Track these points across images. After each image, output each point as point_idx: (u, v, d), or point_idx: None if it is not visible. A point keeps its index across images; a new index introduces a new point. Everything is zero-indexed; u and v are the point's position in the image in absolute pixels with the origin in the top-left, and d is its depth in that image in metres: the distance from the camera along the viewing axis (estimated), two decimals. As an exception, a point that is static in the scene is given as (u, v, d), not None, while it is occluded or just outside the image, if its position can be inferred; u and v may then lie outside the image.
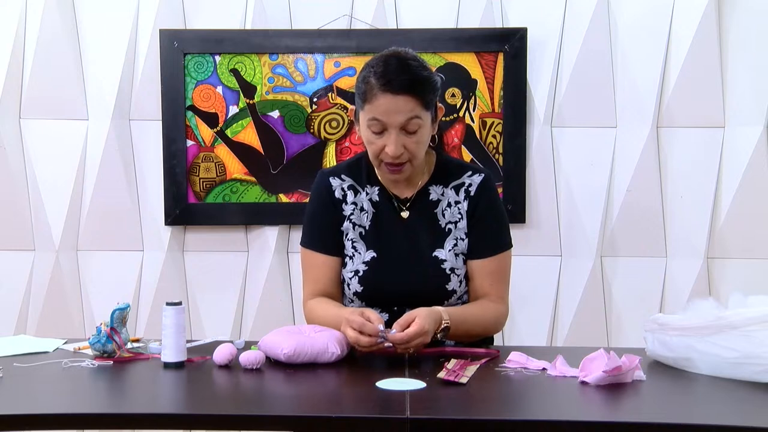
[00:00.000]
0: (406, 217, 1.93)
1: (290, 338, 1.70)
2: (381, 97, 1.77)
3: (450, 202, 1.94)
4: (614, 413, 1.45)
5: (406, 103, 1.77)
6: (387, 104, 1.77)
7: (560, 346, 2.84)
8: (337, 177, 1.97)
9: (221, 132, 2.93)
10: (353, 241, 1.92)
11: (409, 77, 1.78)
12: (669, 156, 2.93)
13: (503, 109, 2.91)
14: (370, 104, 1.79)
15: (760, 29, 2.87)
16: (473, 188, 1.94)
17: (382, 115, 1.78)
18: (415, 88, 1.78)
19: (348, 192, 1.95)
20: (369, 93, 1.78)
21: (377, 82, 1.78)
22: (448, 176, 1.96)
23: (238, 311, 3.01)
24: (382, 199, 1.95)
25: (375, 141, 1.82)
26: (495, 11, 2.91)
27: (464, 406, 1.47)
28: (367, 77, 1.80)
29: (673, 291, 2.93)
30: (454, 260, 1.90)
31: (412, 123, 1.79)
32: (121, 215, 2.97)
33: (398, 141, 1.79)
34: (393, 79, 1.76)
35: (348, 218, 1.94)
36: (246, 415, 1.41)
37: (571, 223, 2.95)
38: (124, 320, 1.80)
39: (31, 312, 2.98)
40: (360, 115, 1.85)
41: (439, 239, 1.91)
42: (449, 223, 1.92)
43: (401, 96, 1.76)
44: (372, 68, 1.81)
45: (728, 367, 1.57)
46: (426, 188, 1.95)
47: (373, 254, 1.91)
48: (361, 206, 1.94)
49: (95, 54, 2.95)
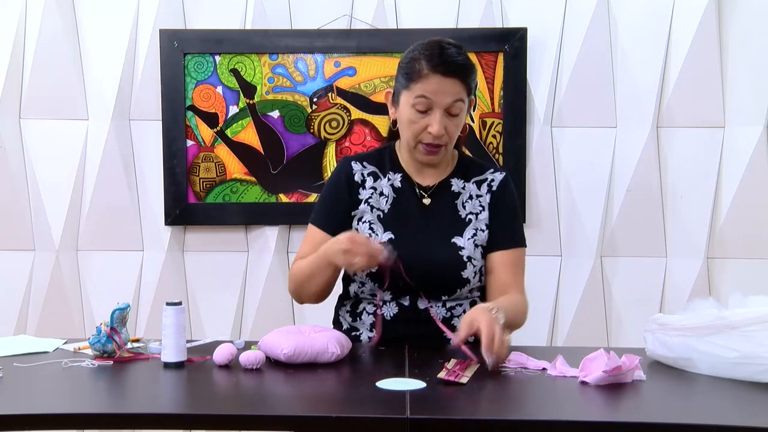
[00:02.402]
0: (428, 204, 1.97)
1: (290, 338, 1.70)
2: (432, 77, 1.83)
3: (471, 195, 1.98)
4: (614, 413, 1.45)
5: (454, 86, 1.84)
6: (436, 84, 1.83)
7: (560, 346, 2.84)
8: (359, 162, 2.02)
9: (221, 132, 2.93)
10: (370, 222, 1.95)
11: (457, 62, 1.85)
12: (669, 156, 2.93)
13: (503, 109, 2.91)
14: (418, 83, 1.84)
15: (760, 29, 2.87)
16: (495, 184, 2.00)
17: (431, 94, 1.84)
18: (463, 72, 1.86)
19: (368, 178, 1.99)
20: (418, 73, 1.84)
21: (428, 63, 1.84)
22: (469, 172, 2.01)
23: (238, 311, 3.01)
24: (405, 186, 1.98)
25: (418, 120, 1.87)
26: (495, 11, 2.92)
27: (464, 406, 1.47)
28: (416, 58, 1.86)
29: (673, 291, 2.93)
30: (472, 249, 1.92)
31: (456, 106, 1.86)
32: (121, 215, 2.97)
33: (442, 121, 1.85)
34: (443, 62, 1.83)
35: (365, 201, 1.97)
36: (246, 415, 1.41)
37: (571, 223, 2.95)
38: (124, 320, 1.80)
39: (31, 312, 2.98)
40: (403, 95, 1.89)
41: (458, 227, 1.94)
42: (470, 214, 1.96)
43: (450, 78, 1.83)
44: (421, 51, 1.87)
45: (728, 367, 1.57)
46: (448, 180, 1.99)
47: (390, 236, 1.93)
48: (381, 191, 1.98)
49: (95, 54, 2.95)
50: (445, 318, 1.92)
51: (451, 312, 1.93)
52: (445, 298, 1.92)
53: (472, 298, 1.97)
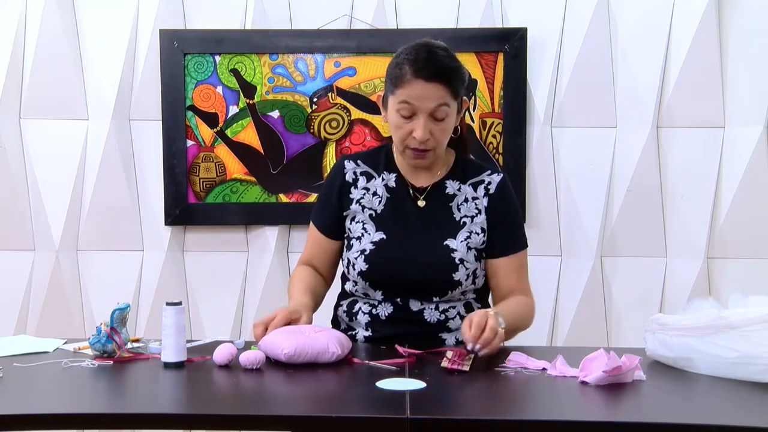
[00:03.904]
0: (422, 206, 1.96)
1: (290, 338, 1.70)
2: (414, 83, 1.82)
3: (467, 198, 1.97)
4: (614, 413, 1.45)
5: (437, 90, 1.82)
6: (419, 90, 1.82)
7: (560, 346, 2.84)
8: (353, 161, 2.02)
9: (221, 132, 2.93)
10: (363, 222, 1.95)
11: (441, 66, 1.83)
12: (669, 156, 2.93)
13: (503, 109, 2.91)
14: (401, 89, 1.84)
15: (760, 29, 2.87)
16: (493, 186, 1.98)
17: (414, 100, 1.83)
18: (446, 76, 1.84)
19: (360, 177, 1.99)
20: (402, 78, 1.84)
21: (411, 68, 1.82)
22: (465, 174, 2.00)
23: (238, 311, 3.01)
24: (399, 186, 1.98)
25: (403, 125, 1.86)
26: (495, 11, 2.91)
27: (464, 406, 1.47)
28: (400, 63, 1.85)
29: (673, 291, 2.93)
30: (465, 252, 1.91)
31: (441, 110, 1.84)
32: (121, 215, 2.97)
33: (426, 126, 1.84)
34: (426, 67, 1.82)
35: (357, 201, 1.97)
36: (246, 415, 1.41)
37: (571, 223, 2.95)
38: (124, 320, 1.79)
39: (31, 312, 2.98)
40: (390, 99, 1.89)
41: (452, 230, 1.94)
42: (464, 217, 1.95)
43: (432, 83, 1.82)
44: (405, 55, 1.85)
45: (728, 367, 1.57)
46: (443, 182, 1.98)
47: (382, 235, 1.93)
48: (374, 191, 1.98)
49: (95, 54, 2.95)
50: (439, 321, 1.92)
51: (444, 314, 1.92)
52: (437, 299, 1.92)
53: (465, 300, 1.96)
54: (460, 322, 1.88)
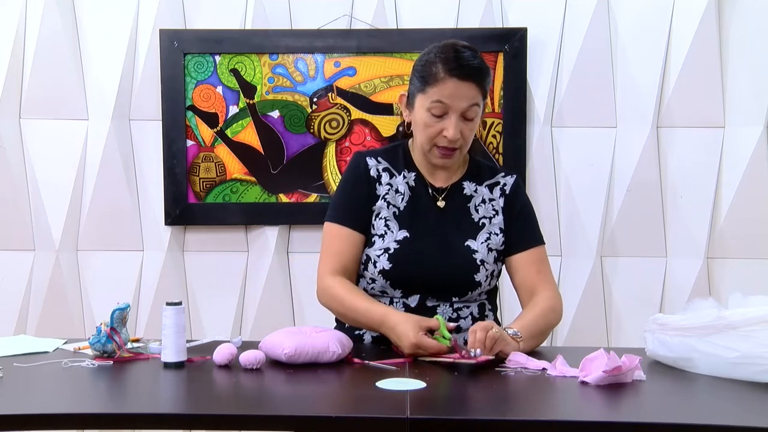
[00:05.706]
0: (442, 207, 1.97)
1: (291, 338, 1.70)
2: (448, 81, 1.83)
3: (484, 199, 1.99)
4: (614, 413, 1.45)
5: (470, 90, 1.84)
6: (453, 89, 1.83)
7: (560, 346, 2.84)
8: (374, 158, 2.01)
9: (221, 132, 2.93)
10: (386, 219, 1.94)
11: (474, 65, 1.85)
12: (669, 156, 2.93)
13: (503, 109, 2.91)
14: (434, 87, 1.84)
15: (760, 29, 2.87)
16: (508, 187, 2.01)
17: (447, 99, 1.83)
18: (479, 76, 1.85)
19: (383, 174, 1.98)
20: (434, 77, 1.84)
21: (444, 67, 1.83)
22: (481, 176, 2.02)
23: (238, 311, 3.01)
24: (419, 185, 1.98)
25: (433, 124, 1.87)
26: (495, 11, 2.91)
27: (464, 406, 1.47)
28: (432, 62, 1.85)
29: (673, 291, 2.93)
30: (485, 253, 1.93)
31: (472, 110, 1.86)
32: (121, 215, 2.97)
33: (458, 125, 1.85)
34: (460, 66, 1.83)
35: (383, 197, 1.96)
36: (246, 415, 1.41)
37: (571, 223, 2.95)
38: (124, 320, 1.80)
39: (31, 312, 2.98)
40: (418, 98, 1.88)
41: (472, 231, 1.95)
42: (483, 218, 1.97)
43: (466, 82, 1.83)
44: (437, 54, 1.86)
45: (728, 367, 1.57)
46: (460, 182, 2.00)
47: (405, 234, 1.93)
48: (397, 188, 1.97)
49: (95, 54, 2.95)
50: (451, 318, 1.92)
51: (457, 313, 1.93)
52: (456, 299, 1.93)
53: (480, 300, 1.97)
54: (471, 323, 1.90)
